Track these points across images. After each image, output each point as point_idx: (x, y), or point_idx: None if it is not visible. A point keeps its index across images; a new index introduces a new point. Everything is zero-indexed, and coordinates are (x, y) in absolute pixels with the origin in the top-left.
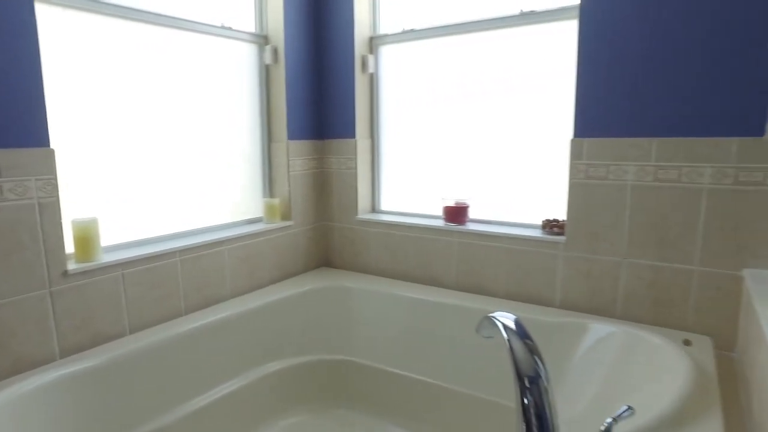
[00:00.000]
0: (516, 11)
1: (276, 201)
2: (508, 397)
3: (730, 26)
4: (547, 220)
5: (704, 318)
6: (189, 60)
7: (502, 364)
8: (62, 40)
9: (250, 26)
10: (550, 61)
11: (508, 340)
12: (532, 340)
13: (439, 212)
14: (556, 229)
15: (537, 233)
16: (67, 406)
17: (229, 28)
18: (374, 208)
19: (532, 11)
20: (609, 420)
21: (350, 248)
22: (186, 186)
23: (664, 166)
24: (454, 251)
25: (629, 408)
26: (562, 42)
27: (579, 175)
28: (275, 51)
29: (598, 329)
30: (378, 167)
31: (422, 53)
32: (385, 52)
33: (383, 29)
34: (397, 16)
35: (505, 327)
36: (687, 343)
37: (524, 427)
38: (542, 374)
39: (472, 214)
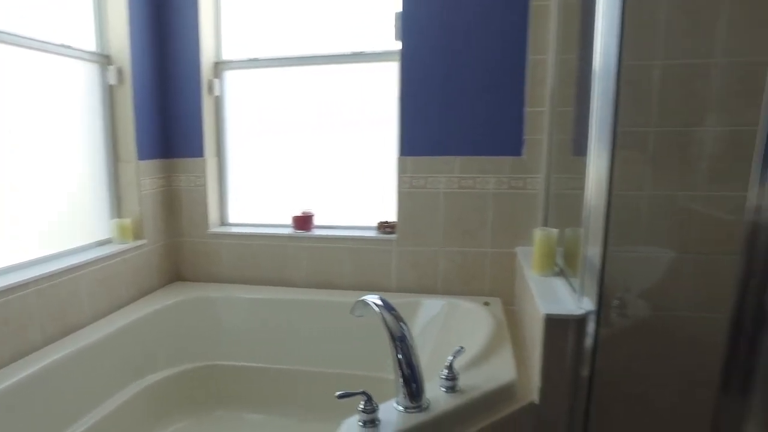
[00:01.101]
0: (349, 51)
1: (127, 221)
2: (358, 369)
3: (500, 81)
4: (381, 222)
5: (496, 285)
6: (26, 78)
7: (350, 344)
8: None
9: (91, 45)
10: (379, 92)
11: (380, 313)
12: (396, 311)
13: (288, 222)
14: (388, 229)
15: (373, 233)
16: None
17: (69, 47)
18: (223, 222)
19: (362, 52)
20: (450, 357)
21: (204, 261)
22: (27, 212)
23: (464, 177)
24: (304, 254)
25: (461, 348)
26: (389, 78)
27: (405, 185)
28: (120, 71)
29: (428, 304)
30: (225, 184)
31: (268, 79)
32: (232, 76)
33: (229, 55)
34: (242, 44)
35: (376, 304)
36: (486, 304)
37: (401, 375)
38: (407, 335)
39: (317, 221)
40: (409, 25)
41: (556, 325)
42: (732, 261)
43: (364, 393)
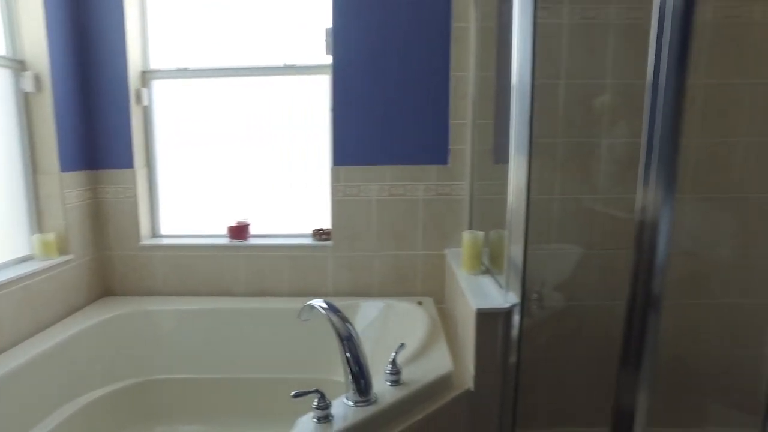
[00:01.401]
0: (280, 63)
1: (51, 236)
2: (299, 373)
3: (426, 95)
4: (316, 230)
5: (427, 285)
6: None
7: (291, 350)
8: None
9: (0, 49)
10: (312, 104)
11: (327, 315)
12: (342, 312)
13: (224, 232)
14: (324, 236)
15: (309, 241)
16: None
17: None
18: (155, 234)
19: (293, 65)
20: (393, 353)
21: (135, 274)
22: None
23: (395, 185)
24: (241, 264)
25: (403, 344)
26: (321, 90)
27: (339, 194)
28: (37, 78)
29: (366, 306)
30: (156, 195)
31: (200, 89)
32: (161, 85)
33: (158, 64)
34: (171, 53)
35: (323, 307)
36: (420, 303)
37: (350, 372)
38: (354, 334)
39: (253, 230)
40: (339, 40)
41: (486, 318)
42: (628, 255)
43: (317, 391)
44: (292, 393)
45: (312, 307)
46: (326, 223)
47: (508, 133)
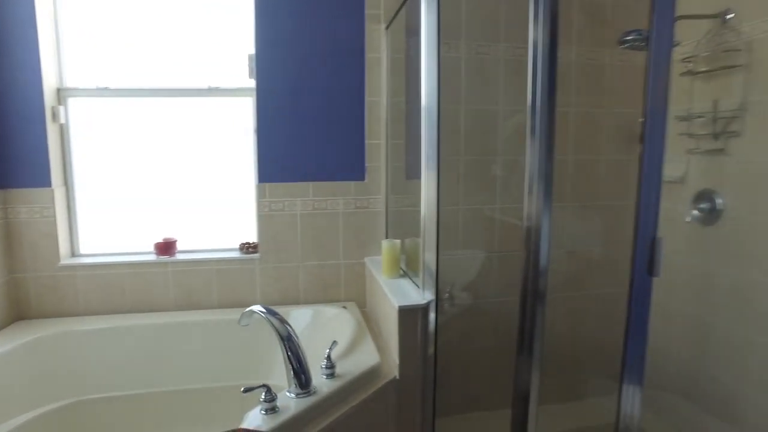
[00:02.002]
0: (204, 86)
1: None
2: (231, 380)
3: (344, 117)
4: (243, 243)
5: (350, 291)
6: None
7: (222, 359)
8: None
9: None
10: (237, 124)
11: (267, 318)
12: (280, 315)
13: (150, 249)
14: (251, 249)
15: (237, 254)
16: None
17: None
18: (75, 253)
19: (218, 87)
20: (327, 350)
21: (53, 296)
22: None
23: (318, 200)
24: (170, 279)
25: (335, 342)
26: (246, 111)
27: (264, 209)
28: None
29: (296, 313)
30: (75, 214)
31: (123, 107)
32: (80, 104)
33: (75, 82)
34: (93, 72)
35: (262, 312)
36: (344, 307)
37: (291, 368)
38: (293, 334)
39: (180, 246)
40: (262, 66)
41: (407, 314)
42: (519, 256)
43: (264, 386)
44: (242, 389)
45: (252, 312)
46: (253, 237)
47: (419, 152)
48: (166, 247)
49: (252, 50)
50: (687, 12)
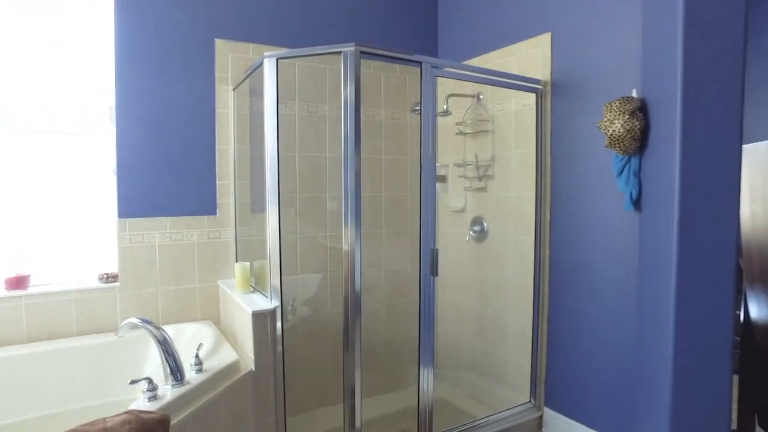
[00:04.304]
0: (65, 129)
1: None
2: (99, 399)
3: (198, 161)
4: (103, 274)
5: (206, 311)
6: None
7: (84, 382)
8: None
9: None
10: (95, 165)
11: (144, 326)
12: (155, 323)
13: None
14: (111, 279)
15: (97, 284)
16: None
17: None
18: None
19: (75, 131)
20: (196, 350)
21: None
22: None
23: (174, 232)
24: (22, 312)
25: (201, 344)
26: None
27: (125, 241)
28: None
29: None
30: None
31: None
32: None
33: None
34: None
35: (140, 321)
36: (201, 325)
37: (168, 366)
38: (168, 338)
39: (35, 281)
40: (121, 116)
41: (259, 318)
42: (343, 274)
43: (147, 378)
44: (129, 381)
45: (131, 323)
46: (114, 269)
47: (263, 190)
48: (18, 282)
49: (113, 100)
50: (459, 92)
